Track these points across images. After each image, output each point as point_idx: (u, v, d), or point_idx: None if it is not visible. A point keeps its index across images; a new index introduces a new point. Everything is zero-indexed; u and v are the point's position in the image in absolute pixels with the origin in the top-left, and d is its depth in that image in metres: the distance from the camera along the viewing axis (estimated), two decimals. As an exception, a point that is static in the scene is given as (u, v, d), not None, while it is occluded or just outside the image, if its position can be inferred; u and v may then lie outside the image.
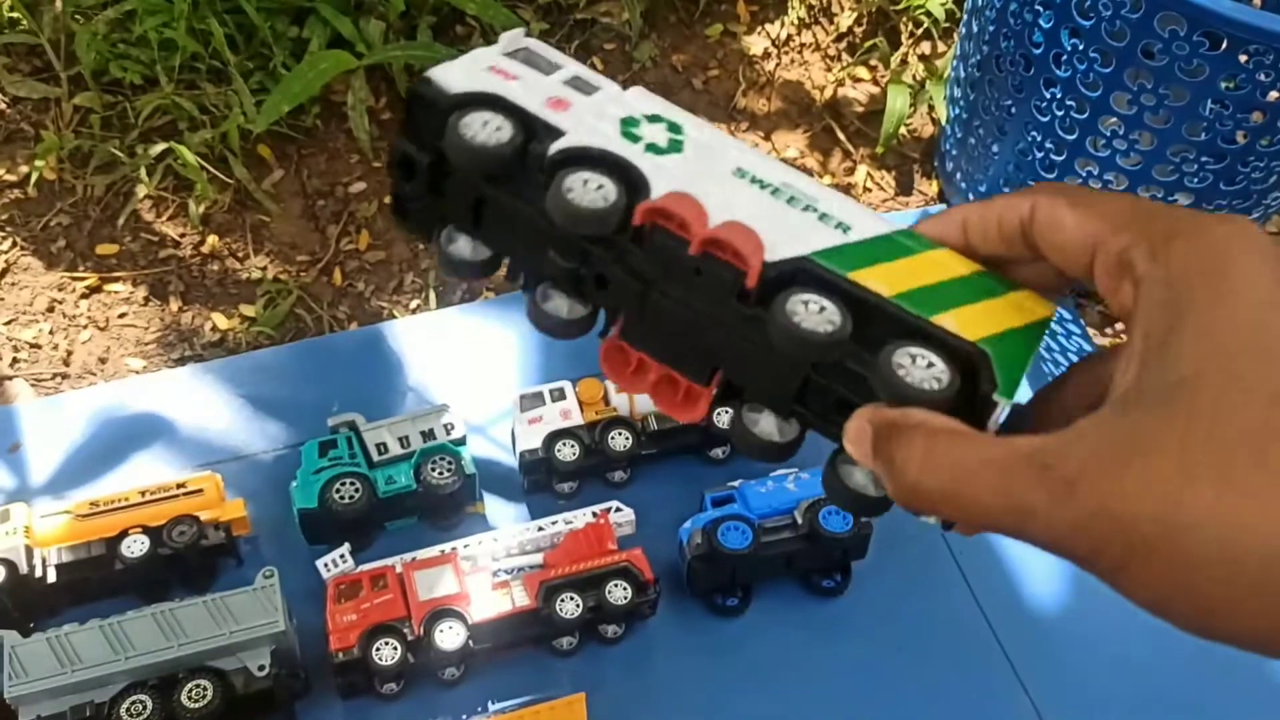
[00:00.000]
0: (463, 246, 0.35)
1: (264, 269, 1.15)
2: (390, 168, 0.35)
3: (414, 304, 1.25)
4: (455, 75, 0.34)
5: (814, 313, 0.30)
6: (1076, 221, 0.30)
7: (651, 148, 0.33)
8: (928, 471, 0.28)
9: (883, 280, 0.31)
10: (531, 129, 0.33)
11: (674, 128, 0.34)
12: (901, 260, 0.32)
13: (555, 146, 0.32)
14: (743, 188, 0.33)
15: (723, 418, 0.87)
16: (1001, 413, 0.30)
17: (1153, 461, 0.25)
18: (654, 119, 0.34)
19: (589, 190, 0.31)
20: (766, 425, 0.34)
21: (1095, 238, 0.29)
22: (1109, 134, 0.92)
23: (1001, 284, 0.32)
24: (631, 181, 0.32)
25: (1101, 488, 0.25)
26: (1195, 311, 0.26)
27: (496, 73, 0.34)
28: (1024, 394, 0.32)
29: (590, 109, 0.34)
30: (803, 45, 1.45)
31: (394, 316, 1.12)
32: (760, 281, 0.31)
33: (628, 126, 0.34)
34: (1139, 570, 0.25)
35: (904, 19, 1.41)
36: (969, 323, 0.31)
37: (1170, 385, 0.26)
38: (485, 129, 0.32)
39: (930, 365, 0.30)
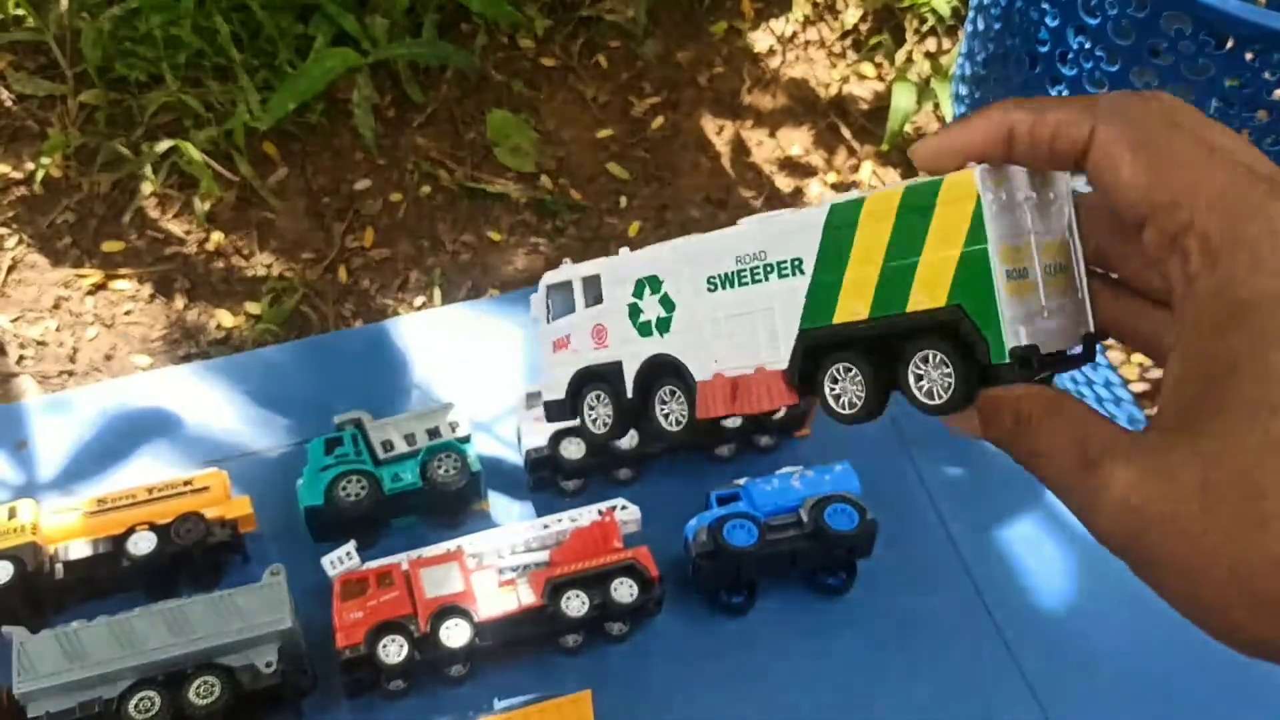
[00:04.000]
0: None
1: (269, 266, 1.15)
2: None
3: (419, 301, 1.25)
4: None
5: (847, 384, 0.35)
6: (1135, 174, 0.28)
7: (659, 325, 0.41)
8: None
9: (854, 294, 0.35)
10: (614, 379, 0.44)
11: (654, 285, 0.41)
12: (850, 253, 0.35)
13: (629, 384, 0.43)
14: (722, 306, 0.39)
15: (729, 418, 0.87)
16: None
17: (1175, 529, 0.28)
18: (639, 290, 0.42)
19: (669, 421, 0.42)
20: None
21: (1152, 201, 0.28)
22: (1115, 132, 0.92)
23: (925, 192, 0.32)
24: (683, 379, 0.41)
25: (1128, 528, 0.29)
26: (1244, 371, 0.26)
27: (560, 348, 0.46)
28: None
29: (616, 325, 0.43)
30: (808, 42, 1.45)
31: (399, 314, 1.12)
32: (791, 386, 0.37)
33: (635, 318, 0.42)
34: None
35: (909, 16, 1.41)
36: (932, 276, 0.32)
37: (1203, 458, 0.27)
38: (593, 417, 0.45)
39: (940, 363, 0.33)
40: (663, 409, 0.42)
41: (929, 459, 0.92)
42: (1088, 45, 0.88)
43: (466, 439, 0.87)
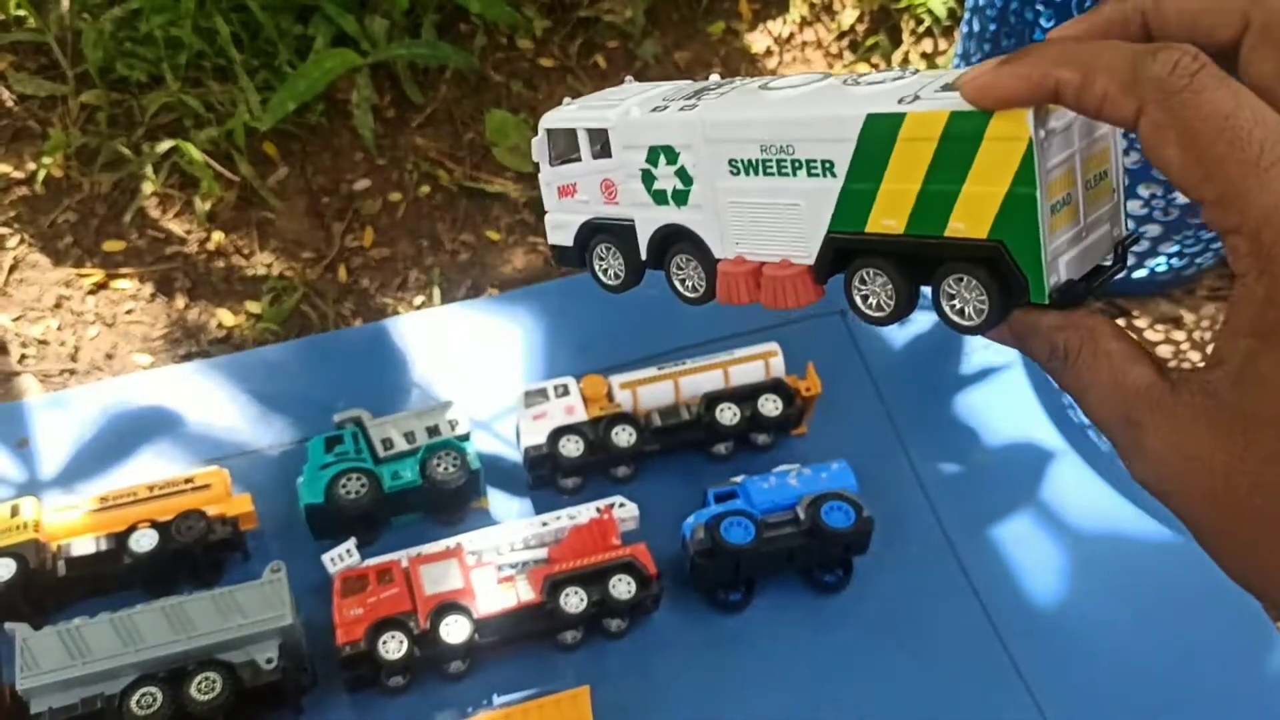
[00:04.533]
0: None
1: (269, 266, 1.16)
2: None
3: (418, 300, 1.26)
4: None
5: (876, 287, 0.35)
6: (1183, 169, 0.28)
7: (676, 197, 0.40)
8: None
9: (888, 208, 0.34)
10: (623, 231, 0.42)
11: (671, 156, 0.39)
12: (887, 168, 0.34)
13: (642, 246, 0.42)
14: (744, 192, 0.37)
15: (725, 414, 0.87)
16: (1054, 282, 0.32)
17: (1201, 482, 0.29)
18: (653, 158, 0.40)
19: (686, 287, 0.41)
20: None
21: (1201, 196, 0.28)
22: (1109, 132, 0.93)
23: (973, 124, 0.31)
24: (702, 251, 0.40)
25: (1163, 484, 0.30)
26: (1274, 400, 0.27)
27: (566, 195, 0.44)
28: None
29: (627, 185, 0.41)
30: (805, 43, 1.45)
31: (398, 313, 1.13)
32: (818, 284, 0.37)
33: (649, 184, 0.41)
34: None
35: (906, 17, 1.42)
36: (974, 208, 0.32)
37: (1228, 454, 0.28)
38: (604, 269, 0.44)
39: (974, 287, 0.33)
40: (679, 274, 0.41)
41: (925, 457, 0.92)
42: (1082, 46, 0.88)
43: (466, 437, 0.87)
